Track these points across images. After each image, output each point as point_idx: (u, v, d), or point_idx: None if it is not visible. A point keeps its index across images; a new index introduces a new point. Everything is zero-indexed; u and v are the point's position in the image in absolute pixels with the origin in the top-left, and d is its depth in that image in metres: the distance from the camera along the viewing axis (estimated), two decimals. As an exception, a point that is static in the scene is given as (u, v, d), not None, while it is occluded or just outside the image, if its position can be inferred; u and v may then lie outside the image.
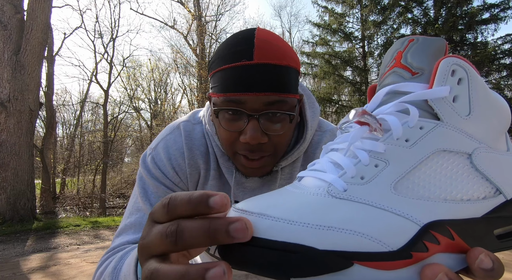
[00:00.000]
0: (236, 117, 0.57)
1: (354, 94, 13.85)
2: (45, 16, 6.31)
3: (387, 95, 0.31)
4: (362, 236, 0.24)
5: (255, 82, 0.54)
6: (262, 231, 0.24)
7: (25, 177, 6.11)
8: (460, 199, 0.28)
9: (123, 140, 18.61)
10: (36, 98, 6.46)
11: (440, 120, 0.28)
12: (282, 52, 0.57)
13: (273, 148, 0.60)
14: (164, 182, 0.68)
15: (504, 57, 11.68)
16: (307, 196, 0.27)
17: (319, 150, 0.71)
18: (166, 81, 19.14)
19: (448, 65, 0.28)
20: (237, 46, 0.56)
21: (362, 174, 0.27)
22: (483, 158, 0.29)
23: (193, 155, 0.69)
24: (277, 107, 0.56)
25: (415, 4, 12.61)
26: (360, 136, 0.29)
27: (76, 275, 3.32)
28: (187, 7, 16.22)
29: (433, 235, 0.25)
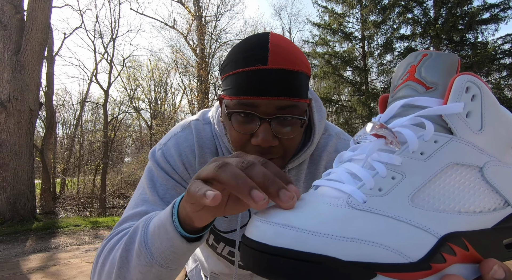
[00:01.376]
0: (249, 120, 0.58)
1: (354, 94, 13.85)
2: (45, 16, 6.30)
3: (402, 108, 0.32)
4: (384, 248, 0.25)
5: (268, 87, 0.55)
6: (288, 242, 0.25)
7: (25, 177, 6.11)
8: (473, 211, 0.29)
9: (123, 140, 18.61)
10: (36, 98, 6.46)
11: (453, 135, 0.30)
12: (295, 58, 0.58)
13: (283, 151, 0.61)
14: (173, 176, 0.68)
15: (504, 57, 11.68)
16: (328, 207, 0.28)
17: (325, 153, 0.72)
18: (166, 81, 19.14)
19: (463, 82, 0.30)
20: (252, 51, 0.57)
21: (380, 186, 0.28)
22: (493, 171, 0.30)
23: (203, 153, 0.70)
24: (289, 111, 0.57)
25: (415, 4, 12.60)
26: (377, 148, 0.30)
27: (76, 275, 3.32)
28: (187, 7, 16.21)
29: (450, 247, 0.26)
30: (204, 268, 0.91)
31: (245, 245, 0.28)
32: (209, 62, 16.08)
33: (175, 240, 0.43)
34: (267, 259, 0.25)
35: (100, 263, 0.54)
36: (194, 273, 0.98)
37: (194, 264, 0.99)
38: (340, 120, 13.90)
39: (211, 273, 0.87)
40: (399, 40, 12.87)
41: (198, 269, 0.97)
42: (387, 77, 13.43)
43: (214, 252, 0.80)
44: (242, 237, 0.29)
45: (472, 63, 11.23)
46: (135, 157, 20.71)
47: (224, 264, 0.81)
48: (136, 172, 16.68)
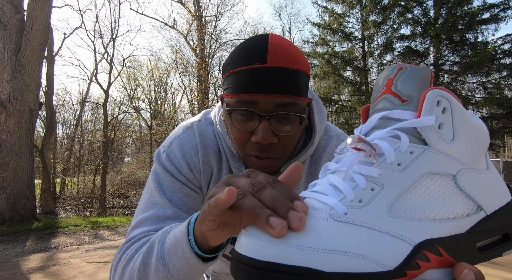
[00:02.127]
0: (248, 117, 0.59)
1: (354, 94, 13.85)
2: (45, 16, 6.31)
3: (381, 120, 0.34)
4: (363, 258, 0.26)
5: (267, 84, 0.56)
6: (273, 256, 0.26)
7: (25, 177, 6.11)
8: (447, 218, 0.30)
9: (123, 140, 18.61)
10: (36, 98, 6.46)
11: (427, 145, 0.31)
12: (294, 57, 0.59)
13: (281, 149, 0.62)
14: (179, 178, 0.69)
15: (504, 57, 11.67)
16: (311, 220, 0.29)
17: (325, 154, 0.73)
18: (166, 81, 19.15)
19: (434, 96, 0.31)
20: (251, 50, 0.59)
21: (360, 197, 0.30)
22: (466, 178, 0.32)
23: (206, 153, 0.71)
24: (288, 108, 0.58)
25: (415, 4, 12.60)
26: (357, 161, 0.32)
27: (76, 275, 3.32)
28: (187, 7, 16.22)
29: (424, 254, 0.28)
30: None
31: (235, 259, 0.29)
32: (209, 62, 16.09)
33: (191, 259, 0.45)
34: (254, 272, 0.26)
35: (119, 272, 0.57)
36: None
37: None
38: (340, 120, 13.91)
39: (213, 273, 0.87)
40: (399, 40, 12.87)
41: None
42: (387, 77, 13.41)
43: None
44: (232, 252, 0.31)
45: (472, 63, 11.23)
46: (135, 157, 20.73)
47: (225, 263, 0.81)
48: (136, 172, 16.69)
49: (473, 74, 11.96)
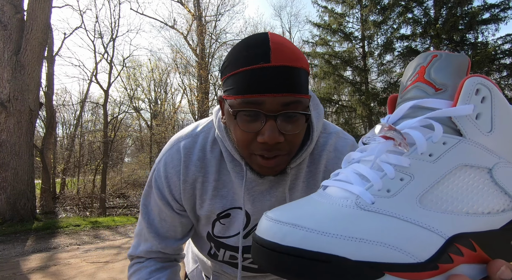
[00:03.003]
0: (254, 118, 0.58)
1: (354, 94, 13.84)
2: (45, 16, 6.30)
3: (411, 109, 0.32)
4: (392, 248, 0.25)
5: (272, 84, 0.56)
6: (297, 242, 0.26)
7: (25, 177, 6.11)
8: (481, 213, 0.29)
9: (123, 140, 18.60)
10: (36, 98, 6.45)
11: (462, 136, 0.30)
12: (296, 55, 0.59)
13: (288, 147, 0.62)
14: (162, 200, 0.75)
15: (504, 57, 11.68)
16: (337, 207, 0.28)
17: (325, 152, 0.72)
18: (166, 81, 19.14)
19: (473, 84, 0.30)
20: (253, 50, 0.58)
21: (388, 187, 0.28)
22: (503, 173, 0.30)
23: (188, 172, 0.72)
24: (293, 107, 0.58)
25: (415, 4, 12.59)
26: (385, 149, 0.31)
27: (76, 275, 3.32)
28: (187, 7, 16.21)
29: (457, 248, 0.27)
30: (206, 268, 0.91)
31: (256, 243, 0.29)
32: (209, 62, 16.08)
33: None
34: (277, 257, 0.26)
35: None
36: (195, 274, 0.98)
37: (194, 264, 0.99)
38: (340, 120, 13.90)
39: (214, 272, 0.87)
40: (399, 40, 12.86)
41: (199, 270, 0.97)
42: (387, 77, 13.42)
43: (216, 260, 0.81)
44: (253, 236, 0.30)
45: (472, 63, 11.22)
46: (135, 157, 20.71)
47: (226, 265, 0.81)
48: (136, 172, 16.68)
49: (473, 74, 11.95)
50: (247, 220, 0.73)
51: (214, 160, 0.72)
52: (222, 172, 0.73)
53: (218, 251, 0.78)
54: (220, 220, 0.74)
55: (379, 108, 13.01)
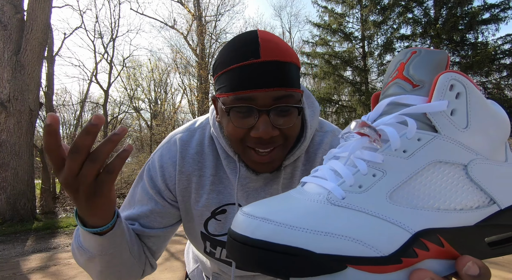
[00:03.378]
0: (247, 114, 0.59)
1: (354, 94, 13.84)
2: (45, 16, 6.30)
3: (389, 106, 0.33)
4: (356, 242, 0.26)
5: (263, 79, 0.56)
6: (266, 235, 0.26)
7: (25, 177, 6.11)
8: (453, 209, 0.29)
9: (123, 140, 18.60)
10: (36, 98, 6.46)
11: (438, 132, 0.30)
12: (285, 50, 0.60)
13: (283, 139, 0.62)
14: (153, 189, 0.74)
15: (504, 57, 11.67)
16: (308, 203, 0.29)
17: (320, 150, 0.73)
18: (166, 81, 19.15)
19: (447, 80, 0.30)
20: (243, 47, 0.59)
21: (360, 183, 0.29)
22: (479, 169, 0.30)
23: (184, 163, 0.72)
24: (285, 101, 0.58)
25: (415, 4, 12.59)
26: (360, 146, 0.31)
27: (76, 275, 3.31)
28: (187, 7, 16.22)
29: (423, 242, 0.27)
30: (206, 269, 0.91)
31: (230, 236, 0.29)
32: (209, 62, 16.09)
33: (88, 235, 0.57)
34: (247, 250, 0.27)
35: None
36: (196, 274, 0.98)
37: (195, 264, 0.99)
38: (340, 120, 13.90)
39: (213, 273, 0.87)
40: (399, 40, 12.86)
41: (199, 270, 0.97)
42: (387, 77, 13.41)
43: (213, 258, 0.81)
44: (228, 230, 0.31)
45: (472, 63, 11.23)
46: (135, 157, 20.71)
47: (224, 264, 0.81)
48: (136, 172, 16.68)
49: (473, 74, 11.96)
50: None
51: (211, 156, 0.73)
52: (219, 168, 0.73)
53: (215, 249, 0.78)
54: (216, 217, 0.74)
55: (379, 108, 12.98)
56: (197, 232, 0.77)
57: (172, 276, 3.10)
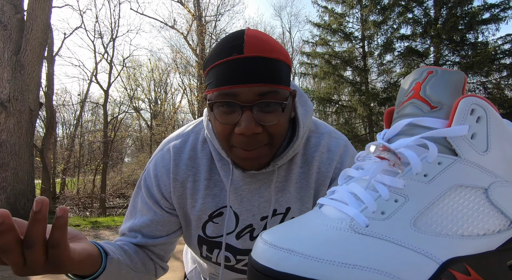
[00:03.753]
0: (230, 109, 0.59)
1: (354, 94, 13.83)
2: (45, 16, 6.30)
3: (407, 126, 0.32)
4: (385, 274, 0.25)
5: (246, 74, 0.56)
6: (291, 268, 0.26)
7: (25, 177, 6.11)
8: (476, 234, 0.29)
9: (123, 140, 18.60)
10: (36, 98, 6.46)
11: (458, 156, 0.29)
12: (271, 47, 0.59)
13: (269, 138, 0.61)
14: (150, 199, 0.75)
15: (504, 57, 11.67)
16: (331, 230, 0.28)
17: (317, 153, 0.72)
18: (166, 81, 19.15)
19: (468, 104, 0.29)
20: (228, 43, 0.59)
21: (382, 209, 0.28)
22: (499, 192, 0.30)
23: (178, 170, 0.72)
24: (269, 97, 0.58)
25: (416, 4, 12.59)
26: (380, 170, 0.30)
27: (76, 275, 3.31)
28: (187, 7, 16.21)
29: (451, 273, 0.27)
30: (203, 270, 0.91)
31: (251, 266, 0.29)
32: (209, 62, 16.07)
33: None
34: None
35: None
36: (194, 274, 0.98)
37: (193, 265, 0.99)
38: (340, 120, 13.90)
39: (210, 274, 0.87)
40: (399, 40, 12.86)
41: (197, 271, 0.97)
42: (387, 77, 13.42)
43: (210, 262, 0.80)
44: (249, 258, 0.30)
45: (473, 63, 11.23)
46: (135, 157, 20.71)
47: (216, 268, 0.81)
48: (136, 172, 16.68)
49: (473, 74, 11.96)
50: (236, 220, 0.72)
51: (205, 159, 0.73)
52: (213, 171, 0.73)
53: (211, 253, 0.77)
54: (213, 220, 0.73)
55: (379, 108, 13.01)
56: (194, 237, 0.77)
57: (172, 276, 3.10)
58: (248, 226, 0.73)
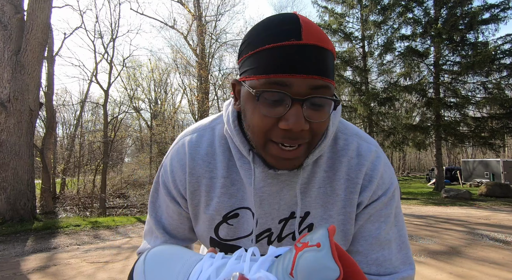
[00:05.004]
0: (278, 101, 0.52)
1: (354, 94, 13.83)
2: (45, 16, 6.30)
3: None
4: None
5: (303, 64, 0.50)
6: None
7: (25, 177, 6.11)
8: None
9: (123, 140, 18.60)
10: (36, 98, 6.45)
11: None
12: (326, 37, 0.54)
13: (311, 136, 0.56)
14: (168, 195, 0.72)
15: (504, 57, 11.67)
16: None
17: (346, 158, 0.66)
18: (166, 81, 19.15)
19: None
20: (282, 26, 0.52)
21: None
22: None
23: (195, 164, 0.69)
24: (322, 92, 0.52)
25: (416, 4, 12.58)
26: None
27: (76, 275, 3.31)
28: (187, 7, 16.21)
29: None
30: None
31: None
32: (209, 62, 16.09)
33: None
34: None
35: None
36: None
37: None
38: (340, 120, 13.88)
39: None
40: (400, 40, 12.86)
41: None
42: (387, 77, 13.42)
43: None
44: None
45: (473, 63, 11.22)
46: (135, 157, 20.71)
47: None
48: (136, 172, 16.68)
49: (474, 74, 11.96)
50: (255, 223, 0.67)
51: (223, 156, 0.68)
52: (231, 169, 0.68)
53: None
54: (227, 221, 0.69)
55: (379, 108, 13.00)
56: (206, 238, 0.73)
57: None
58: (267, 230, 0.68)
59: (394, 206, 0.65)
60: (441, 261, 3.68)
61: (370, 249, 0.62)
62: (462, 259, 3.76)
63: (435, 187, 12.89)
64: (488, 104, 11.67)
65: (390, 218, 0.64)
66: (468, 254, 3.95)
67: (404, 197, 11.09)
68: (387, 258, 0.62)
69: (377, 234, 0.62)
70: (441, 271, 3.35)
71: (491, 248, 4.25)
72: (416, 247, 4.31)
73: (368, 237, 0.63)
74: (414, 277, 0.62)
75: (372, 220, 0.63)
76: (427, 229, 5.58)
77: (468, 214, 7.23)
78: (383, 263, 0.61)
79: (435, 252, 4.06)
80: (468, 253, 4.01)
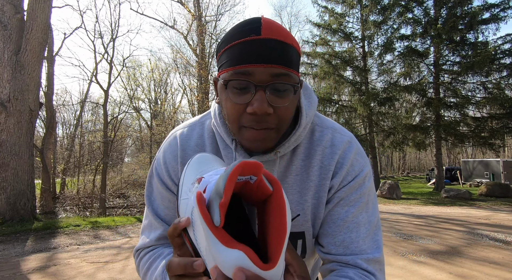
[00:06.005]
0: (244, 89, 0.60)
1: (354, 94, 13.83)
2: (45, 16, 6.30)
3: None
4: None
5: (263, 55, 0.58)
6: None
7: (25, 177, 6.11)
8: None
9: (123, 140, 18.60)
10: (36, 98, 6.45)
11: None
12: (286, 33, 0.62)
13: (277, 121, 0.63)
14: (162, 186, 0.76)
15: (504, 57, 11.67)
16: None
17: (320, 147, 0.73)
18: (166, 81, 19.15)
19: None
20: (245, 26, 0.60)
21: None
22: None
23: (186, 155, 0.74)
24: (283, 79, 0.59)
25: (416, 4, 12.58)
26: None
27: (76, 275, 3.31)
28: (187, 7, 16.21)
29: None
30: None
31: None
32: (209, 62, 16.08)
33: None
34: None
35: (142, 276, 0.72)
36: None
37: None
38: (340, 120, 13.89)
39: None
40: (400, 40, 12.85)
41: None
42: (387, 77, 13.41)
43: None
44: None
45: (473, 63, 11.22)
46: (135, 157, 20.71)
47: None
48: (136, 172, 16.68)
49: (473, 74, 11.96)
50: None
51: (211, 147, 0.75)
52: None
53: None
54: None
55: (379, 108, 13.00)
56: None
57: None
58: None
59: (364, 192, 0.69)
60: (441, 261, 3.68)
61: (337, 231, 0.66)
62: (462, 259, 3.76)
63: (435, 187, 12.88)
64: (488, 104, 11.67)
65: (359, 203, 0.68)
66: (468, 254, 3.95)
67: (404, 197, 11.08)
68: (354, 240, 0.65)
69: (345, 216, 0.67)
70: (441, 271, 3.35)
71: (491, 248, 4.25)
72: (416, 247, 4.31)
73: (336, 220, 0.67)
74: (382, 260, 0.65)
75: (342, 204, 0.68)
76: (427, 229, 5.58)
77: (468, 214, 7.23)
78: (350, 245, 0.65)
79: (435, 252, 4.06)
80: (468, 253, 4.01)
